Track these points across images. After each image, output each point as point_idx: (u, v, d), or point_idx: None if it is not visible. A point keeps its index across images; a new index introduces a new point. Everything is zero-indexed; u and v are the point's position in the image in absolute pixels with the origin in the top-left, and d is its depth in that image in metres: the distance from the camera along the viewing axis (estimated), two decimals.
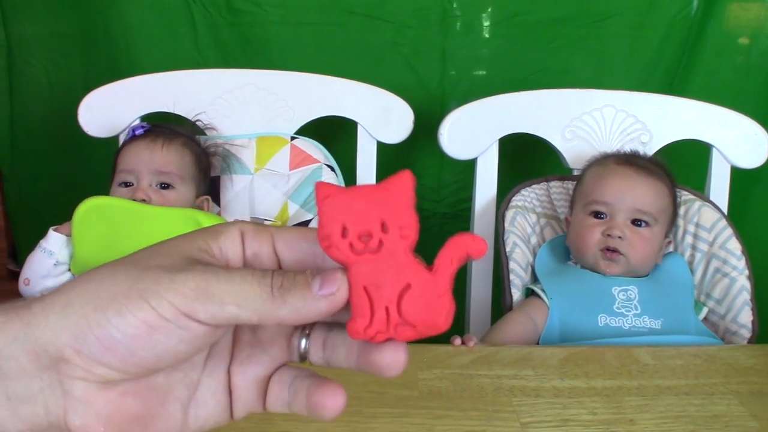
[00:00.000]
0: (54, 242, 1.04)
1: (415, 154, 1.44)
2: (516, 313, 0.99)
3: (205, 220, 0.95)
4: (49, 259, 1.03)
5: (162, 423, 0.35)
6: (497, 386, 0.74)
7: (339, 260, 0.33)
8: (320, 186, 0.33)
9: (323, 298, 0.32)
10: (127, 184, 1.06)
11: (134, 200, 1.02)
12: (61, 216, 1.48)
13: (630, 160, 1.04)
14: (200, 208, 1.11)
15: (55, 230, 1.05)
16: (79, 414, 0.33)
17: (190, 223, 0.94)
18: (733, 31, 1.42)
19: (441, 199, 1.48)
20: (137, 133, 1.08)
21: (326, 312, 0.33)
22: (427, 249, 1.15)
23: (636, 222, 1.01)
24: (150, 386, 0.34)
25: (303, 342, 0.37)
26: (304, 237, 0.36)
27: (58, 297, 0.33)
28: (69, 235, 1.01)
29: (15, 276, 1.70)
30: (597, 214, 1.02)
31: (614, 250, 0.99)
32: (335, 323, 0.36)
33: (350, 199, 0.33)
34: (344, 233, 0.32)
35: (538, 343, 0.96)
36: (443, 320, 0.32)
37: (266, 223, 1.15)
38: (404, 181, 0.32)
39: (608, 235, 0.99)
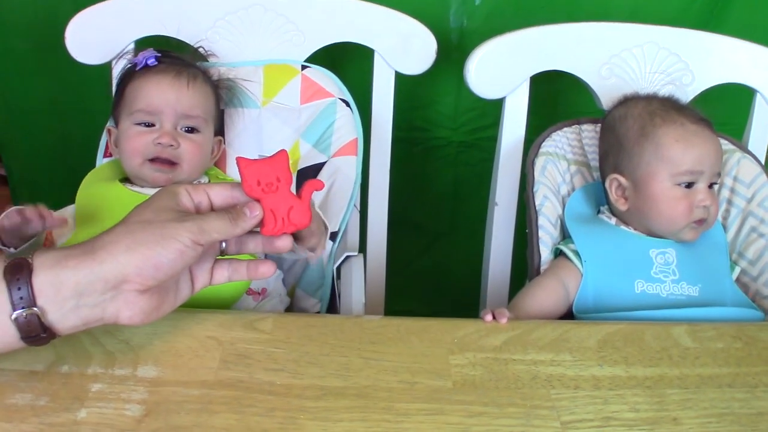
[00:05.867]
0: None
1: (431, 80, 1.33)
2: (547, 278, 0.93)
3: None
4: None
5: (165, 305, 0.63)
6: (534, 375, 0.70)
7: (256, 198, 0.62)
8: (240, 159, 0.62)
9: (253, 218, 0.62)
10: (147, 125, 0.94)
11: (159, 143, 0.92)
12: (51, 133, 1.39)
13: (702, 118, 0.95)
14: (213, 150, 1.02)
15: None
16: (128, 309, 0.59)
17: None
18: None
19: (457, 127, 1.39)
20: (149, 63, 0.96)
21: (254, 225, 0.62)
22: (441, 176, 1.13)
23: (711, 185, 0.94)
24: (163, 287, 0.61)
25: (223, 245, 0.66)
26: (225, 189, 0.64)
27: (117, 244, 0.57)
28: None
29: None
30: (687, 184, 0.93)
31: (701, 220, 0.93)
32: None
33: (260, 166, 0.62)
34: (258, 183, 0.62)
35: (571, 310, 0.92)
36: (308, 221, 0.64)
37: None
38: (284, 155, 0.63)
39: (696, 206, 0.92)
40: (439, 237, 1.52)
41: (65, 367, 0.65)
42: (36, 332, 0.56)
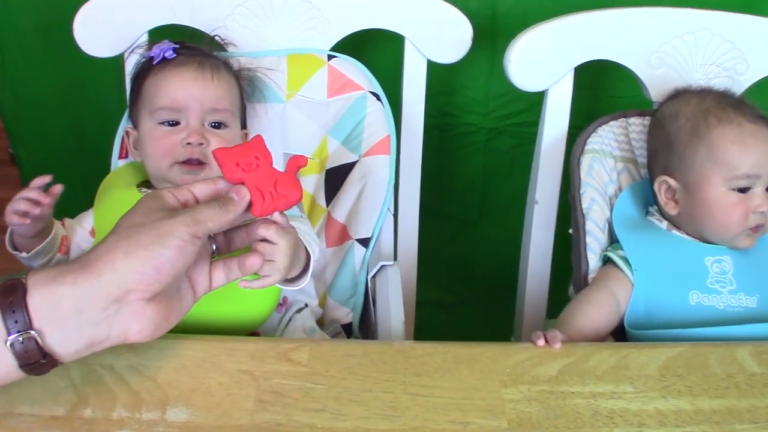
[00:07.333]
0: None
1: (462, 65, 1.25)
2: (597, 291, 0.87)
3: None
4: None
5: (173, 315, 0.59)
6: (594, 410, 0.64)
7: (240, 180, 0.62)
8: (216, 151, 0.62)
9: (241, 200, 0.61)
10: (171, 123, 0.87)
11: (189, 143, 0.85)
12: (62, 122, 1.33)
13: (760, 115, 0.87)
14: None
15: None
16: (137, 322, 0.55)
17: None
18: None
19: (487, 113, 1.32)
20: (167, 55, 0.89)
21: (244, 207, 0.61)
22: (470, 163, 1.17)
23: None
24: (167, 294, 0.58)
25: (213, 246, 0.65)
26: (208, 183, 0.63)
27: (113, 252, 0.54)
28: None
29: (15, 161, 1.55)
30: (743, 189, 0.86)
31: (758, 226, 0.86)
32: (228, 231, 0.66)
33: (236, 150, 0.63)
34: (238, 165, 0.62)
35: (622, 323, 0.86)
36: (298, 192, 0.63)
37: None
38: (259, 139, 0.64)
39: (752, 212, 0.85)
40: (467, 225, 1.46)
41: (88, 411, 0.59)
42: (35, 359, 0.52)
